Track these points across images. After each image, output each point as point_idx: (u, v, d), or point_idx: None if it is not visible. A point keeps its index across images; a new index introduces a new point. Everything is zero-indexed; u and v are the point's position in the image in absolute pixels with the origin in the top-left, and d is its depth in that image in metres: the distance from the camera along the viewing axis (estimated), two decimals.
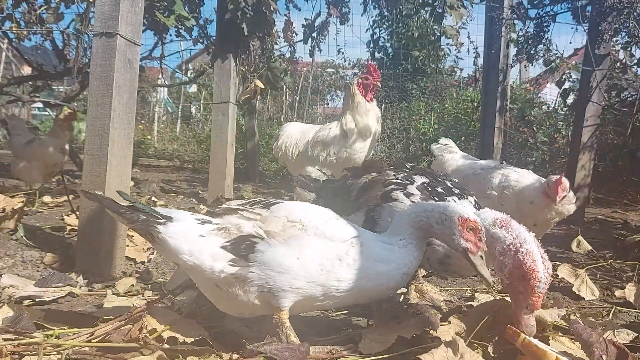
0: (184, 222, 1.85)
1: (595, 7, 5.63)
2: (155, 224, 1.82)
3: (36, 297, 2.41)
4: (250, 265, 1.76)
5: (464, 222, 1.80)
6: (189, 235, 1.83)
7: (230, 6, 4.88)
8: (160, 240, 1.82)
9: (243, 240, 1.80)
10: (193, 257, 1.80)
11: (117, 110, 2.84)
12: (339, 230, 1.85)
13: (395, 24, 12.89)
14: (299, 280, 1.76)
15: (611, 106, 7.38)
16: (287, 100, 14.69)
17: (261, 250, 1.76)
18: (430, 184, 2.20)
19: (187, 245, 1.81)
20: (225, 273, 1.78)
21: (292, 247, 1.77)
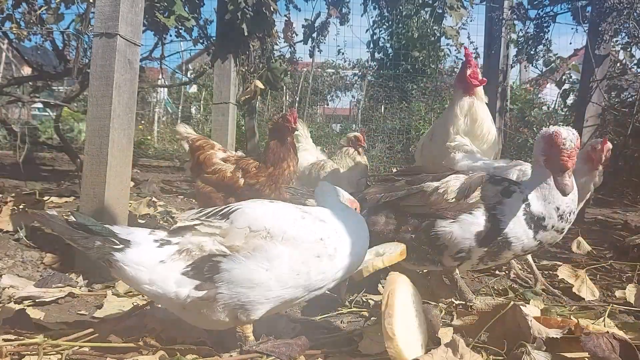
0: (142, 247, 1.71)
1: (595, 8, 5.63)
2: (111, 251, 1.68)
3: (36, 298, 2.41)
4: (218, 286, 1.67)
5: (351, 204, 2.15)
6: (148, 262, 1.69)
7: (230, 7, 4.88)
8: (118, 269, 1.70)
9: (205, 261, 1.68)
10: (155, 287, 1.69)
11: (117, 110, 2.84)
12: (309, 229, 1.78)
13: (395, 25, 12.89)
14: (274, 290, 1.70)
15: (611, 107, 7.39)
16: (287, 100, 14.69)
17: (226, 269, 1.66)
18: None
19: (147, 274, 1.69)
20: (191, 298, 1.68)
21: (258, 260, 1.67)
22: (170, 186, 6.84)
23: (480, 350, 1.80)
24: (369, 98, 13.58)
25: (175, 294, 1.69)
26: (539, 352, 1.69)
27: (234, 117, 5.52)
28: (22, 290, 2.45)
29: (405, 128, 11.00)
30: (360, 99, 14.74)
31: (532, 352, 1.68)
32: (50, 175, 6.82)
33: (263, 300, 1.71)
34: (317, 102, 16.16)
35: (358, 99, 15.56)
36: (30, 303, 2.37)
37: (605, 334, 1.73)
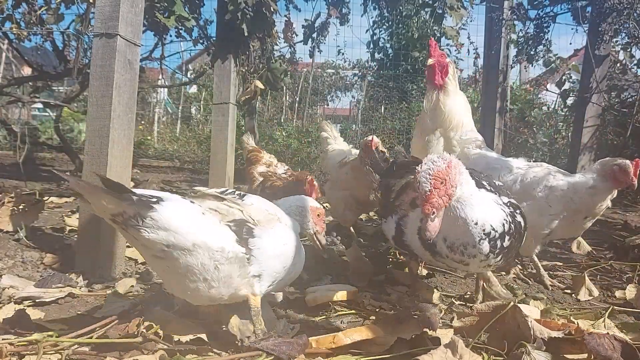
0: (177, 202, 1.75)
1: (595, 8, 5.64)
2: (150, 203, 1.65)
3: (36, 298, 2.41)
4: (251, 248, 1.82)
5: (314, 210, 2.27)
6: (190, 212, 1.75)
7: (230, 7, 4.88)
8: (153, 222, 1.65)
9: (242, 224, 1.83)
10: (200, 235, 1.72)
11: (117, 110, 2.84)
12: (294, 223, 2.12)
13: (395, 25, 12.89)
14: (284, 264, 1.96)
15: (611, 107, 7.39)
16: (287, 100, 14.69)
17: (259, 235, 1.85)
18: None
19: (191, 221, 1.72)
20: (232, 253, 1.78)
21: (279, 235, 1.94)
22: (171, 186, 6.85)
23: (480, 351, 1.80)
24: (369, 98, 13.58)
25: (221, 245, 1.76)
26: (539, 352, 1.69)
27: (234, 118, 5.53)
28: (22, 291, 2.45)
29: (405, 128, 11.00)
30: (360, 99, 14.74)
31: (532, 352, 1.68)
32: (50, 176, 6.82)
33: (275, 272, 1.93)
34: (317, 102, 16.16)
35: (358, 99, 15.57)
36: (30, 303, 2.37)
37: (607, 335, 1.73)
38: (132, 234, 1.68)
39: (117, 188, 1.60)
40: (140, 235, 1.66)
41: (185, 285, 1.80)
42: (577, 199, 2.93)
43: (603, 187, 2.88)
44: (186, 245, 1.70)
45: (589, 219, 3.04)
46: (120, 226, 1.67)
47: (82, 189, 1.61)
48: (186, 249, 1.70)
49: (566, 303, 2.79)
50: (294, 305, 2.47)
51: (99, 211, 1.67)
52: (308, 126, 12.04)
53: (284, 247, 1.95)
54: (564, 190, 2.96)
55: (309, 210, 2.26)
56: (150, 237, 1.66)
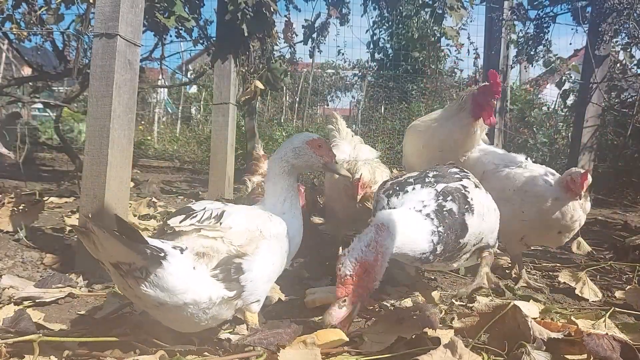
0: (175, 256, 1.66)
1: (595, 8, 5.64)
2: (160, 259, 1.57)
3: (36, 298, 2.41)
4: (243, 285, 1.78)
5: (311, 143, 2.05)
6: (186, 269, 1.66)
7: (230, 7, 4.88)
8: (156, 280, 1.58)
9: (229, 264, 1.74)
10: (191, 294, 1.66)
11: (117, 111, 2.84)
12: (279, 225, 1.99)
13: (395, 25, 12.89)
14: (273, 279, 1.96)
15: (611, 107, 7.39)
16: (287, 101, 14.70)
17: (248, 268, 1.78)
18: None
19: (185, 282, 1.64)
20: (219, 298, 1.74)
21: (264, 256, 1.84)
22: (170, 187, 6.85)
23: (480, 351, 1.79)
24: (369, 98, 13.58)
25: (208, 299, 1.71)
26: (539, 353, 1.69)
27: (234, 118, 5.52)
28: (22, 291, 2.45)
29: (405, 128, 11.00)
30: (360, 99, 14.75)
31: (532, 353, 1.68)
32: (50, 176, 6.82)
33: (267, 290, 1.93)
34: (317, 102, 16.17)
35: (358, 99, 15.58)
36: (30, 304, 2.37)
37: (606, 336, 1.73)
38: (130, 284, 1.60)
39: (132, 235, 1.52)
40: (137, 288, 1.60)
41: (174, 324, 1.82)
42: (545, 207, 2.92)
43: (564, 197, 2.90)
44: (178, 304, 1.66)
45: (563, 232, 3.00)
46: (119, 272, 1.59)
47: (98, 232, 1.50)
48: (177, 307, 1.67)
49: (566, 303, 2.79)
50: (294, 307, 2.47)
51: (104, 255, 1.57)
52: (308, 126, 12.04)
53: (272, 266, 1.90)
54: (537, 197, 2.95)
55: (307, 147, 2.06)
56: (147, 293, 1.60)
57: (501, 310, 1.87)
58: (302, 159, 2.06)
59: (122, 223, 1.55)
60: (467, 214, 2.12)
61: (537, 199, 2.95)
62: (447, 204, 2.09)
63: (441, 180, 2.20)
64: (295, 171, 2.10)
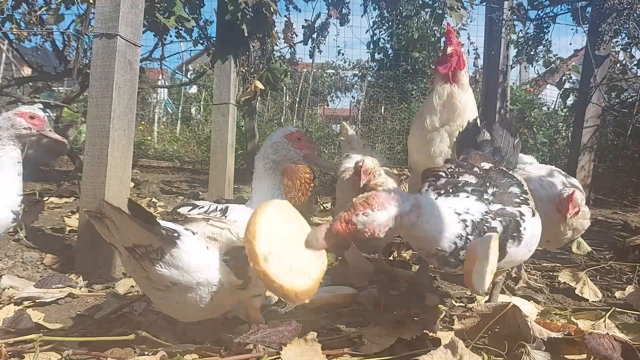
0: (189, 236, 1.71)
1: (595, 9, 5.64)
2: (175, 239, 1.63)
3: (36, 298, 2.41)
4: (250, 277, 1.77)
5: (289, 137, 2.04)
6: (200, 249, 1.71)
7: (230, 7, 4.88)
8: (171, 259, 1.63)
9: (239, 252, 1.74)
10: (204, 273, 1.70)
11: (117, 111, 2.84)
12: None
13: (395, 25, 12.89)
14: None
15: (611, 107, 7.39)
16: (287, 101, 14.70)
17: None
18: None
19: (199, 260, 1.69)
20: (229, 284, 1.76)
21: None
22: (170, 187, 6.85)
23: (481, 351, 1.80)
24: (369, 99, 13.58)
25: (219, 279, 1.73)
26: (538, 352, 1.69)
27: (234, 118, 5.52)
28: (22, 291, 2.46)
29: (405, 129, 10.99)
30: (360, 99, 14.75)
31: (532, 352, 1.68)
32: (50, 176, 6.82)
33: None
34: (317, 102, 16.16)
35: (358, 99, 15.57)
36: (30, 304, 2.37)
37: (607, 335, 1.73)
38: (144, 266, 1.64)
39: (148, 218, 1.55)
40: (152, 269, 1.63)
41: (177, 311, 1.82)
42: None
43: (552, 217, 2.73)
44: (191, 283, 1.69)
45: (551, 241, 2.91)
46: (134, 256, 1.63)
47: (115, 215, 1.52)
48: (190, 287, 1.70)
49: (566, 303, 2.79)
50: (294, 307, 2.47)
51: (119, 239, 1.60)
52: (308, 126, 12.04)
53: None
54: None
55: (285, 141, 2.04)
56: (162, 273, 1.64)
57: (501, 311, 1.87)
58: (281, 153, 2.03)
59: (136, 207, 1.57)
60: (511, 241, 1.95)
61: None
62: (494, 222, 1.92)
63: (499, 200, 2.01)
64: (278, 167, 2.05)
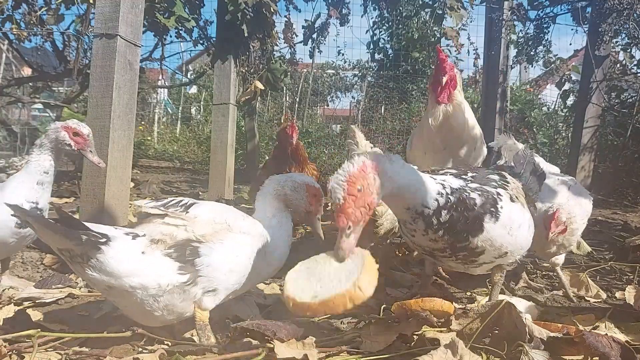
0: (120, 240, 1.71)
1: (595, 9, 5.64)
2: (99, 244, 1.65)
3: (36, 299, 2.41)
4: (198, 269, 1.75)
5: (309, 188, 2.10)
6: (132, 253, 1.70)
7: (230, 7, 4.88)
8: (98, 264, 1.66)
9: (185, 246, 1.75)
10: (137, 278, 1.70)
11: (117, 111, 2.84)
12: (253, 225, 1.97)
13: (395, 25, 12.90)
14: (237, 275, 1.86)
15: (611, 107, 7.39)
16: (287, 101, 14.70)
17: (205, 253, 1.76)
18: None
19: (129, 265, 1.69)
20: (172, 284, 1.73)
21: (228, 247, 1.82)
22: (170, 187, 6.85)
23: (480, 351, 1.79)
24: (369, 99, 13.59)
25: (157, 284, 1.71)
26: (536, 352, 1.69)
27: (234, 118, 5.53)
28: (22, 292, 2.45)
29: (405, 129, 11.01)
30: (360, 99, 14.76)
31: (530, 352, 1.68)
32: None
33: (229, 285, 1.85)
34: (317, 102, 16.17)
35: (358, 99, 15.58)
36: (30, 304, 2.37)
37: (606, 336, 1.73)
38: (75, 269, 1.72)
39: (70, 223, 1.61)
40: (84, 273, 1.69)
41: (132, 313, 1.83)
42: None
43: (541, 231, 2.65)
44: (125, 287, 1.70)
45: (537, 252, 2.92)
46: (66, 259, 1.70)
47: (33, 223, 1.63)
48: (126, 291, 1.71)
49: (566, 304, 2.79)
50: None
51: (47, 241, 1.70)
52: (308, 127, 12.04)
53: (236, 258, 1.86)
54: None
55: (304, 188, 2.09)
56: (92, 276, 1.68)
57: (495, 309, 1.87)
58: (296, 195, 2.09)
59: (61, 212, 1.62)
60: (488, 216, 1.98)
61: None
62: (473, 194, 1.97)
63: (478, 181, 2.08)
64: (284, 200, 2.10)
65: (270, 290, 2.67)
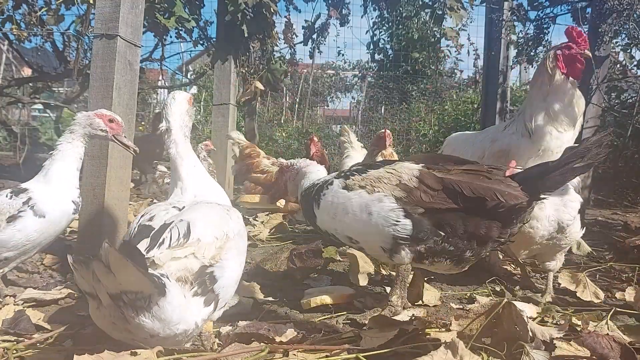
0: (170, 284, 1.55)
1: (595, 9, 5.64)
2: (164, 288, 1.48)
3: (36, 299, 2.41)
4: (217, 293, 1.71)
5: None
6: (180, 297, 1.57)
7: (230, 8, 4.89)
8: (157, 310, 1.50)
9: (202, 275, 1.66)
10: (182, 325, 1.59)
11: (117, 111, 2.83)
12: (239, 220, 1.96)
13: (395, 26, 12.91)
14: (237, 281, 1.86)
15: (611, 108, 7.38)
16: (287, 101, 14.71)
17: (220, 275, 1.71)
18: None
19: (180, 311, 1.57)
20: (203, 319, 1.68)
21: (232, 260, 1.80)
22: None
23: (480, 351, 1.79)
24: (369, 99, 13.60)
25: (195, 324, 1.64)
26: (537, 352, 1.69)
27: (234, 118, 5.53)
28: (22, 292, 2.45)
29: (405, 129, 11.02)
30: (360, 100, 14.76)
31: (531, 352, 1.68)
32: None
33: (232, 293, 1.85)
34: (317, 103, 16.18)
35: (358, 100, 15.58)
36: (30, 304, 2.37)
37: (606, 336, 1.73)
38: (127, 315, 1.48)
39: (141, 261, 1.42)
40: (135, 320, 1.48)
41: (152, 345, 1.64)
42: None
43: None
44: (169, 336, 1.58)
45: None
46: (118, 304, 1.47)
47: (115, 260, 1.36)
48: (166, 338, 1.59)
49: (566, 304, 2.79)
50: (293, 307, 2.47)
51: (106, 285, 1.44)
52: (308, 127, 12.05)
53: (240, 266, 1.86)
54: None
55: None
56: (143, 323, 1.49)
57: (495, 309, 1.87)
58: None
59: (131, 248, 1.43)
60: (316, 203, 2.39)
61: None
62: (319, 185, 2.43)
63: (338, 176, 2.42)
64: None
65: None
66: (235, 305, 2.30)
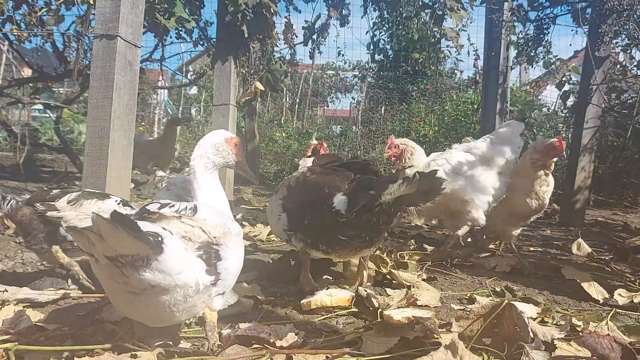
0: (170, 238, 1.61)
1: (595, 10, 5.64)
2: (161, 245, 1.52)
3: (32, 300, 2.40)
4: (219, 272, 1.72)
5: (229, 141, 2.17)
6: (181, 250, 1.62)
7: (230, 8, 4.88)
8: (157, 264, 1.54)
9: (209, 248, 1.70)
10: (183, 276, 1.61)
11: (117, 112, 2.84)
12: (238, 228, 1.98)
13: (395, 26, 12.91)
14: (235, 278, 1.88)
15: (611, 108, 7.38)
16: (287, 102, 14.72)
17: (224, 257, 1.74)
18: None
19: (180, 262, 1.60)
20: (202, 284, 1.68)
21: (234, 251, 1.82)
22: None
23: (481, 352, 1.79)
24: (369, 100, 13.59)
25: (196, 281, 1.65)
26: (537, 353, 1.68)
27: (234, 119, 5.53)
28: (19, 292, 2.45)
29: (405, 130, 11.01)
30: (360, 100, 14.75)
31: (531, 353, 1.67)
32: (50, 177, 6.82)
33: (230, 287, 1.88)
34: (317, 103, 16.18)
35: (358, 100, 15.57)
36: (29, 305, 2.37)
37: (607, 336, 1.73)
38: (126, 272, 1.52)
39: (133, 226, 1.45)
40: (135, 275, 1.52)
41: (146, 315, 1.70)
42: None
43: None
44: (170, 286, 1.59)
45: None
46: (117, 264, 1.51)
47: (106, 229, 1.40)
48: (167, 289, 1.60)
49: (567, 304, 2.79)
50: (292, 308, 2.47)
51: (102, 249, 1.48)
52: (308, 127, 12.05)
53: (240, 262, 1.88)
54: None
55: (226, 143, 2.13)
56: (144, 277, 1.52)
57: (496, 310, 1.87)
58: (220, 156, 2.13)
59: (120, 216, 1.44)
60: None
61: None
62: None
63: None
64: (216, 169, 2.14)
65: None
66: (235, 306, 2.31)
